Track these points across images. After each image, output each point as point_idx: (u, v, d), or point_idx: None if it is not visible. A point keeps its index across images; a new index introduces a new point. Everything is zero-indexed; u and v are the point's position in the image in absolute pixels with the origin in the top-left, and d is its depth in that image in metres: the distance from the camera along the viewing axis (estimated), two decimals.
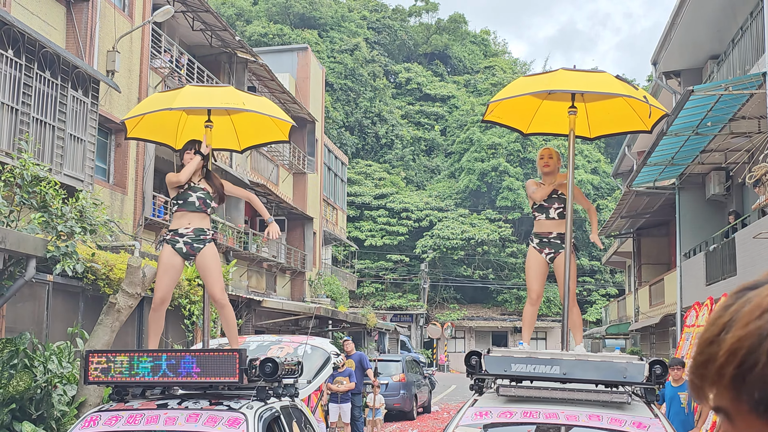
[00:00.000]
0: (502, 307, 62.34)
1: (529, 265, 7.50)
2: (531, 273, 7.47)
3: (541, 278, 7.51)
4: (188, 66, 22.23)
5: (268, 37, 63.50)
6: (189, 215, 7.30)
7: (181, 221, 7.31)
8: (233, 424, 6.08)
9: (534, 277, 7.45)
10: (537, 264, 7.41)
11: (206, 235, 7.33)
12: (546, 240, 7.37)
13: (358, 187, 62.56)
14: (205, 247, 7.29)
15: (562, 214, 7.34)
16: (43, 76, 14.03)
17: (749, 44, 18.43)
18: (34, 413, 9.61)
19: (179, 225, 7.31)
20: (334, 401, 17.11)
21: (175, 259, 7.29)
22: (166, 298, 7.36)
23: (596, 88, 6.76)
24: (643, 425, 5.66)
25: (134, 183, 18.74)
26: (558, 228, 7.35)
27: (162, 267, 7.30)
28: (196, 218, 7.31)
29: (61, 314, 12.06)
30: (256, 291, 25.94)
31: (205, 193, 7.34)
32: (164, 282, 7.30)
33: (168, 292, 7.37)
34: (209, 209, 7.40)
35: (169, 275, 7.31)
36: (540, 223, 7.45)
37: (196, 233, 7.27)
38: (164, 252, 7.31)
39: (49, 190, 10.52)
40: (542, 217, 7.42)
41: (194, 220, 7.30)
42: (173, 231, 7.30)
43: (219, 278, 7.38)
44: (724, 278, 18.95)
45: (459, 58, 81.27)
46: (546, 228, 7.40)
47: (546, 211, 7.40)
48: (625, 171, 34.77)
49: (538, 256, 7.40)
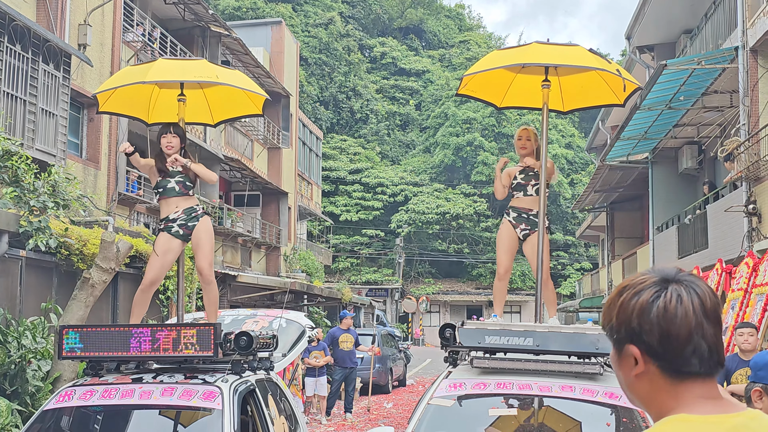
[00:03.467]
0: (476, 282, 62.58)
1: (502, 239, 7.47)
2: (503, 247, 7.46)
3: (512, 254, 7.54)
4: (161, 40, 22.03)
5: (242, 10, 62.92)
6: (173, 200, 7.33)
7: (169, 207, 7.33)
8: (208, 397, 6.09)
9: (505, 251, 7.46)
10: (509, 239, 7.42)
11: (197, 211, 7.36)
12: (525, 216, 7.39)
13: (333, 161, 62.41)
14: (199, 223, 7.33)
15: (539, 190, 7.40)
16: (13, 50, 13.87)
17: (722, 19, 18.52)
18: (9, 389, 9.58)
19: (168, 212, 7.32)
20: (311, 375, 17.18)
21: (172, 243, 7.30)
22: (156, 281, 7.38)
23: (569, 61, 6.78)
24: (614, 395, 5.73)
25: (107, 158, 18.60)
26: (535, 205, 7.37)
27: (158, 251, 7.28)
28: (181, 201, 7.33)
29: (34, 289, 11.99)
30: (231, 266, 25.90)
31: (183, 176, 7.34)
32: (158, 265, 7.30)
33: (160, 276, 7.38)
34: (190, 191, 7.41)
35: (164, 259, 7.31)
36: (518, 200, 7.45)
37: (187, 213, 7.30)
38: (160, 238, 7.32)
39: (21, 165, 10.42)
40: (520, 194, 7.44)
41: (180, 203, 7.33)
42: (165, 219, 7.32)
43: (209, 254, 7.42)
44: (696, 251, 19.14)
45: (434, 33, 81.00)
46: (525, 204, 7.41)
47: (524, 188, 7.42)
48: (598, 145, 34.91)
49: (512, 231, 7.41)
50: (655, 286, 1.80)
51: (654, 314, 1.76)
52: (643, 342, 1.77)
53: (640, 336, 1.78)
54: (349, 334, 17.67)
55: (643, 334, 1.77)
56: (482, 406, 5.97)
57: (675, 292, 1.78)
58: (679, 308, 1.76)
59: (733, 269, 14.16)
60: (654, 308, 1.77)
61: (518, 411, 5.97)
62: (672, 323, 1.75)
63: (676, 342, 1.75)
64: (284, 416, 7.46)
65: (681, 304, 1.76)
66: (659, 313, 1.76)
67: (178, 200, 7.33)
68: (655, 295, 1.79)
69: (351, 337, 17.63)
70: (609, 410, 5.76)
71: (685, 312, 1.75)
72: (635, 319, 1.78)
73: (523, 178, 7.42)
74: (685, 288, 1.79)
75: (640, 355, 1.79)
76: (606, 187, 28.34)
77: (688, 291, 1.79)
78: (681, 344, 1.75)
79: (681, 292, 1.78)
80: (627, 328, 1.80)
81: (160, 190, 7.34)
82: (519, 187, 7.44)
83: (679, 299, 1.77)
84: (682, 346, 1.75)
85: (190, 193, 7.40)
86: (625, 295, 1.83)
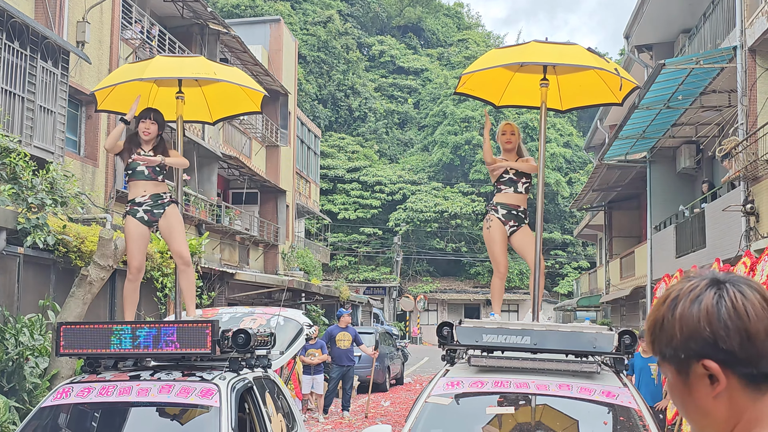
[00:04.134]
0: (474, 280, 62.57)
1: (494, 238, 7.42)
2: (497, 246, 7.44)
3: (506, 249, 7.55)
4: (159, 37, 22.02)
5: (240, 8, 62.84)
6: (142, 183, 7.36)
7: (137, 190, 7.37)
8: (206, 395, 6.09)
9: (500, 249, 7.46)
10: (502, 235, 7.41)
11: (164, 199, 7.39)
12: (514, 212, 7.39)
13: (331, 160, 62.37)
14: (165, 211, 7.35)
15: (528, 189, 7.43)
16: (11, 47, 13.86)
17: (720, 18, 18.53)
18: (6, 386, 9.58)
19: (135, 194, 7.36)
20: (308, 373, 17.18)
21: (140, 228, 7.35)
22: (141, 267, 7.46)
23: (568, 60, 6.79)
24: (612, 394, 5.74)
25: (105, 155, 18.58)
26: (523, 203, 7.42)
27: (130, 237, 7.34)
28: (149, 186, 7.36)
29: (32, 287, 11.98)
30: (229, 264, 25.89)
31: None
32: (136, 251, 7.35)
33: (142, 261, 7.48)
34: (160, 176, 7.41)
35: (139, 244, 7.37)
36: (507, 195, 7.43)
37: (154, 199, 7.32)
38: (128, 223, 7.36)
39: (19, 162, 10.43)
40: (510, 190, 7.42)
41: (148, 188, 7.35)
42: (131, 201, 7.38)
43: (184, 238, 7.48)
44: (693, 250, 19.15)
45: (432, 31, 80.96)
46: (514, 201, 7.41)
47: (515, 184, 7.42)
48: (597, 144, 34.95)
49: (502, 227, 7.39)
50: (711, 288, 1.64)
51: (725, 316, 1.60)
52: (720, 351, 1.59)
53: (716, 345, 1.59)
54: (347, 333, 17.69)
55: (719, 341, 1.59)
56: (479, 404, 5.98)
57: (734, 290, 1.63)
58: (747, 306, 1.61)
59: (731, 269, 14.17)
60: (723, 310, 1.60)
61: (515, 409, 5.98)
62: (748, 322, 1.59)
63: (757, 341, 1.58)
64: (282, 414, 7.46)
65: (747, 300, 1.61)
66: (730, 314, 1.60)
67: (146, 184, 7.35)
68: (716, 296, 1.63)
69: (348, 336, 17.65)
70: (606, 409, 5.77)
71: (753, 308, 1.61)
72: (705, 327, 1.60)
73: (515, 174, 7.42)
74: (742, 286, 1.65)
75: (719, 368, 1.59)
76: (604, 186, 28.37)
77: (747, 288, 1.64)
78: (763, 343, 1.59)
79: (741, 289, 1.63)
80: (697, 341, 1.61)
81: (130, 172, 7.38)
82: (510, 182, 7.43)
83: (743, 296, 1.62)
84: (764, 344, 1.59)
85: (159, 179, 7.41)
86: (681, 306, 1.64)
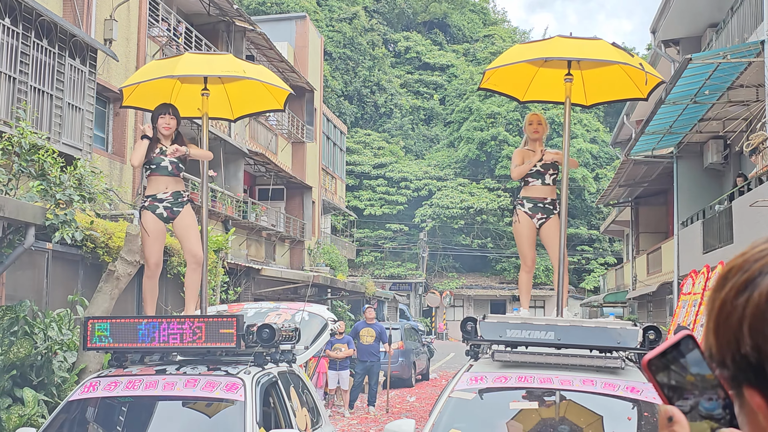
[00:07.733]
0: (500, 276, 62.45)
1: (522, 232, 7.46)
2: (525, 240, 7.47)
3: (534, 244, 7.56)
4: (186, 35, 22.14)
5: (266, 5, 62.99)
6: (163, 179, 7.38)
7: (158, 186, 7.38)
8: (231, 389, 6.14)
9: (528, 243, 7.48)
10: (529, 230, 7.43)
11: (183, 197, 7.43)
12: (541, 205, 7.40)
13: (357, 156, 62.43)
14: (183, 210, 7.40)
15: (555, 180, 7.41)
16: (40, 45, 13.99)
17: (748, 12, 18.36)
18: (35, 379, 9.70)
19: (156, 190, 7.37)
20: (333, 368, 17.24)
21: (159, 225, 7.40)
22: (159, 263, 7.51)
23: (592, 55, 6.78)
24: (636, 389, 5.73)
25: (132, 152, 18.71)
26: (551, 194, 7.41)
27: (151, 233, 7.37)
28: (171, 182, 7.39)
29: (60, 282, 12.12)
30: (255, 260, 26.00)
31: (177, 157, 7.39)
32: (155, 248, 7.40)
33: (161, 257, 7.52)
34: (181, 173, 7.48)
35: (159, 241, 7.45)
36: (534, 188, 7.44)
37: (175, 197, 7.36)
38: (147, 219, 7.37)
39: (48, 159, 10.54)
40: (537, 182, 7.43)
41: (170, 184, 7.38)
42: (151, 197, 7.37)
43: (198, 238, 7.52)
44: (721, 246, 19.00)
45: (458, 27, 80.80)
46: (541, 193, 7.42)
47: (542, 176, 7.43)
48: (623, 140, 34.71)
49: (530, 221, 7.42)
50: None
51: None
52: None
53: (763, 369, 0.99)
54: (372, 329, 17.73)
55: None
56: (503, 399, 5.98)
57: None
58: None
59: None
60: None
61: (539, 404, 5.98)
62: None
63: None
64: (306, 408, 7.50)
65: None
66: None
67: (169, 180, 7.38)
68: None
69: (372, 332, 17.70)
70: (630, 404, 5.76)
71: None
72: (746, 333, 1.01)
73: (543, 165, 7.42)
74: None
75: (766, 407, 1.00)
76: (630, 182, 28.19)
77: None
78: None
79: None
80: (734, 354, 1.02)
81: (153, 166, 7.38)
82: (537, 174, 7.43)
83: None
84: None
85: (180, 176, 7.46)
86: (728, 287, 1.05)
